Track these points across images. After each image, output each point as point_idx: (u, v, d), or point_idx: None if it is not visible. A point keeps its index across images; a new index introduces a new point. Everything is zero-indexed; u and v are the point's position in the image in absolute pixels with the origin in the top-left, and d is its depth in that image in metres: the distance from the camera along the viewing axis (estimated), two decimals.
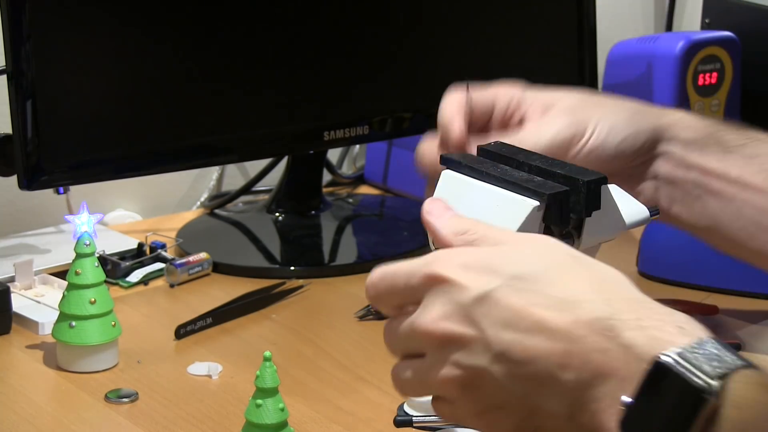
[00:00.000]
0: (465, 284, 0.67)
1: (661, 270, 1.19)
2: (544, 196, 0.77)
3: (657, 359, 0.62)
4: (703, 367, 0.62)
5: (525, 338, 0.66)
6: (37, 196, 1.32)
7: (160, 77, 1.20)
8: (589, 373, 0.65)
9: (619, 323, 0.64)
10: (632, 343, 0.64)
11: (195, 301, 1.17)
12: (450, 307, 0.68)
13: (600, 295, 0.66)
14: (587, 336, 0.65)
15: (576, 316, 0.65)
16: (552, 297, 0.66)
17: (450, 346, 0.68)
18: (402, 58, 1.33)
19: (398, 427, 0.86)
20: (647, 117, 0.92)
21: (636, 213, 0.87)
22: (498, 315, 0.66)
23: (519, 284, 0.67)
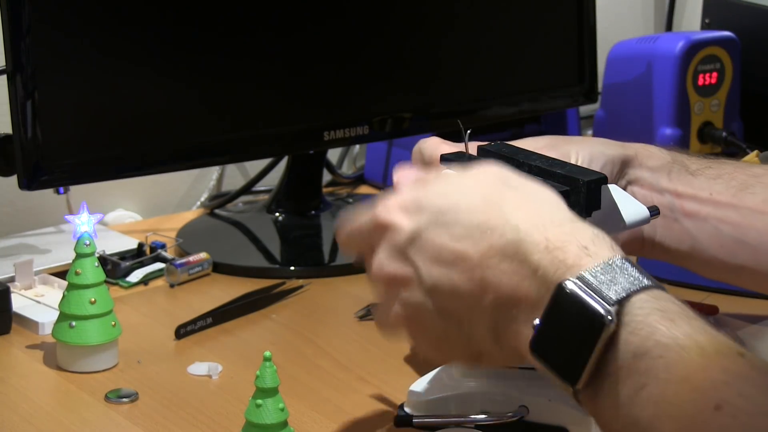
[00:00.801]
0: (399, 225, 0.73)
1: (661, 270, 1.18)
2: None
3: (558, 285, 0.66)
4: (602, 291, 0.65)
5: (449, 271, 0.71)
6: (37, 196, 1.32)
7: (160, 77, 1.20)
8: (505, 298, 0.69)
9: (528, 245, 0.68)
10: (538, 266, 0.67)
11: (195, 301, 1.17)
12: (390, 249, 0.73)
13: (514, 218, 0.70)
14: (500, 262, 0.69)
15: (489, 243, 0.69)
16: (469, 226, 0.70)
17: (395, 286, 0.73)
18: (402, 58, 1.33)
19: (398, 426, 0.86)
20: (615, 147, 0.94)
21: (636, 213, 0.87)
22: (427, 251, 0.72)
23: (443, 218, 0.71)
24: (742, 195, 0.94)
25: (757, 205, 0.93)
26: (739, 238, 0.93)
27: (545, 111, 1.50)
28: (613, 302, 0.64)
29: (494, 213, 0.70)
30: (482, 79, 1.40)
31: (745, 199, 0.94)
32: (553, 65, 1.44)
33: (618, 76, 1.51)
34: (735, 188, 0.94)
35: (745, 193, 0.94)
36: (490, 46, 1.39)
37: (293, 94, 1.27)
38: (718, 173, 0.95)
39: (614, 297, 0.64)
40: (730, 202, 0.94)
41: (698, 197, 0.94)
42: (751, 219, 0.93)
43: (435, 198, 0.72)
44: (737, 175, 0.95)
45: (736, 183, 0.94)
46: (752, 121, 1.53)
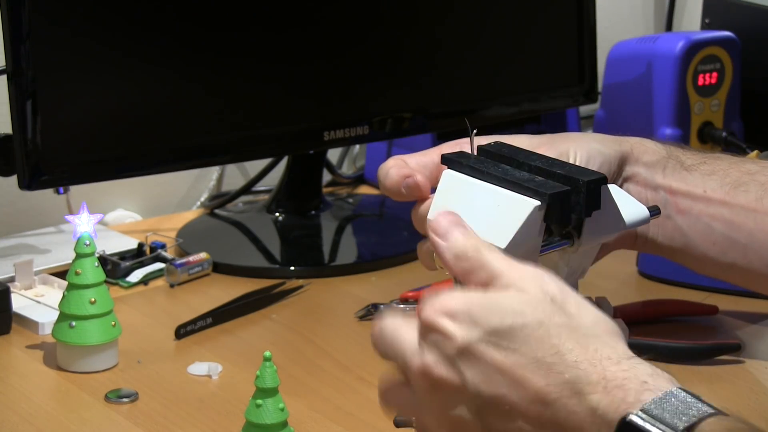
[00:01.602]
0: (449, 332, 0.70)
1: (661, 270, 1.19)
2: (545, 196, 0.77)
3: (622, 420, 0.64)
4: (668, 421, 0.64)
5: (504, 396, 0.68)
6: (37, 196, 1.33)
7: (161, 77, 1.20)
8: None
9: (586, 386, 0.66)
10: (597, 405, 0.66)
11: (195, 301, 1.17)
12: (439, 353, 0.71)
13: (572, 355, 0.68)
14: (558, 399, 0.67)
15: (548, 379, 0.67)
16: (525, 354, 0.68)
17: (441, 391, 0.71)
18: (402, 58, 1.33)
19: (398, 427, 0.86)
20: (611, 144, 0.94)
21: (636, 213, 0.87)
22: (478, 369, 0.69)
23: (498, 340, 0.69)
24: (736, 192, 0.94)
25: (750, 203, 0.93)
26: (731, 236, 0.94)
27: (545, 111, 1.50)
28: (681, 430, 0.63)
29: (551, 347, 0.68)
30: (482, 79, 1.40)
31: (738, 197, 0.94)
32: (553, 65, 1.44)
33: (618, 76, 1.51)
34: (729, 185, 0.94)
35: (738, 190, 0.94)
36: (490, 46, 1.39)
37: (293, 94, 1.27)
38: (712, 169, 0.95)
39: (681, 426, 0.64)
40: (723, 200, 0.94)
41: (692, 194, 0.94)
42: (743, 217, 0.93)
43: (488, 315, 0.69)
44: (732, 171, 0.95)
45: (730, 180, 0.94)
46: (752, 121, 1.53)
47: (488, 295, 0.71)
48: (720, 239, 0.94)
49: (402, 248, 1.28)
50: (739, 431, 0.64)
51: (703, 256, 0.95)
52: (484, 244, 0.75)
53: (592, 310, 0.71)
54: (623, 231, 0.86)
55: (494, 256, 0.73)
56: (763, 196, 0.93)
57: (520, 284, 0.71)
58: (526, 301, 0.70)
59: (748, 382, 0.99)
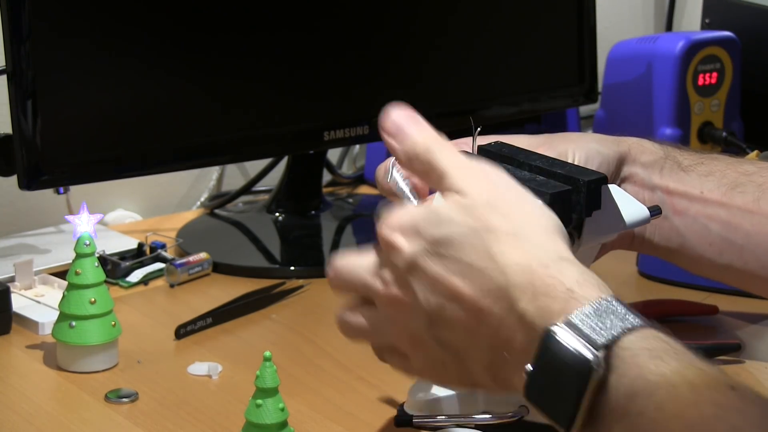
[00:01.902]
0: (399, 247, 0.73)
1: (661, 270, 1.19)
2: (546, 195, 0.77)
3: (545, 331, 0.66)
4: (589, 336, 0.65)
5: (446, 305, 0.71)
6: (37, 196, 1.33)
7: (160, 77, 1.20)
8: (497, 341, 0.69)
9: (514, 291, 0.68)
10: (524, 312, 0.67)
11: (195, 301, 1.17)
12: (393, 270, 0.73)
13: (501, 259, 0.69)
14: (491, 306, 0.69)
15: (479, 285, 0.69)
16: (460, 262, 0.70)
17: (398, 308, 0.73)
18: (402, 58, 1.33)
19: (398, 426, 0.86)
20: (609, 144, 0.94)
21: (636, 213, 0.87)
22: (425, 281, 0.72)
23: (437, 249, 0.71)
24: (732, 194, 0.94)
25: (747, 204, 0.94)
26: (727, 237, 0.94)
27: (545, 111, 1.50)
28: (601, 346, 0.64)
29: (483, 252, 0.70)
30: (482, 79, 1.40)
31: (734, 198, 0.94)
32: (553, 65, 1.44)
33: (618, 76, 1.51)
34: (726, 186, 0.94)
35: (735, 191, 0.94)
36: (491, 46, 1.39)
37: (293, 94, 1.27)
38: (709, 170, 0.95)
39: (601, 341, 0.64)
40: (720, 201, 0.94)
41: (689, 195, 0.95)
42: (739, 218, 0.94)
43: (429, 226, 0.72)
44: (729, 172, 0.95)
45: (728, 181, 0.94)
46: (752, 121, 1.53)
47: (429, 205, 0.73)
48: (716, 240, 0.94)
49: None
50: (660, 350, 0.64)
51: (699, 257, 0.95)
52: (436, 140, 0.76)
53: (528, 205, 0.72)
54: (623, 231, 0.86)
55: (444, 155, 0.75)
56: (760, 198, 0.93)
57: (460, 187, 0.72)
58: (462, 207, 0.71)
59: (748, 382, 0.99)
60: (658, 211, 0.89)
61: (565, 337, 0.65)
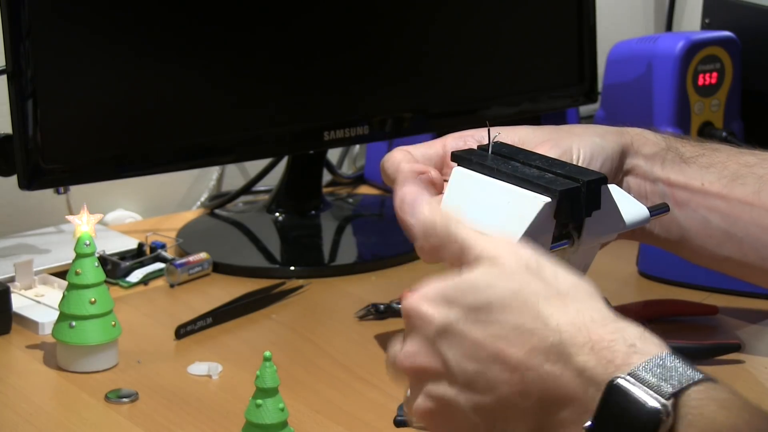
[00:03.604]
0: (427, 316, 0.70)
1: (661, 270, 1.19)
2: (555, 193, 0.77)
3: (610, 383, 0.64)
4: (655, 386, 0.63)
5: (486, 369, 0.68)
6: (37, 196, 1.32)
7: (160, 77, 1.20)
8: (549, 400, 0.66)
9: (571, 348, 0.66)
10: (585, 367, 0.65)
11: (195, 301, 1.17)
12: (419, 340, 0.71)
13: (553, 320, 0.67)
14: (542, 364, 0.66)
15: (531, 346, 0.67)
16: (505, 325, 0.68)
17: (422, 378, 0.71)
18: (402, 58, 1.33)
19: (398, 427, 0.86)
20: (612, 136, 0.94)
21: (636, 213, 0.87)
22: (459, 347, 0.69)
23: (476, 316, 0.69)
24: (733, 185, 0.94)
25: (747, 196, 0.94)
26: (727, 229, 0.94)
27: (545, 111, 1.50)
28: (668, 396, 0.63)
29: (530, 314, 0.67)
30: (482, 79, 1.40)
31: (735, 190, 0.94)
32: (553, 65, 1.44)
33: (618, 76, 1.51)
34: (727, 178, 0.94)
35: (736, 183, 0.94)
36: (490, 46, 1.39)
37: (293, 94, 1.27)
38: (710, 162, 0.95)
39: (669, 390, 0.63)
40: (720, 193, 0.94)
41: (690, 187, 0.95)
42: (739, 211, 0.94)
43: (464, 294, 0.69)
44: (730, 164, 0.95)
45: (728, 173, 0.94)
46: (752, 121, 1.53)
47: (462, 274, 0.70)
48: (716, 232, 0.94)
49: (402, 248, 1.28)
50: (727, 401, 0.63)
51: (699, 248, 0.95)
52: (451, 216, 0.74)
53: (569, 274, 0.70)
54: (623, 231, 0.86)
55: (463, 229, 0.73)
56: (760, 190, 0.93)
57: (492, 255, 0.70)
58: (500, 273, 0.69)
59: (748, 382, 0.99)
60: (666, 209, 0.89)
61: (630, 387, 0.63)
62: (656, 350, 0.65)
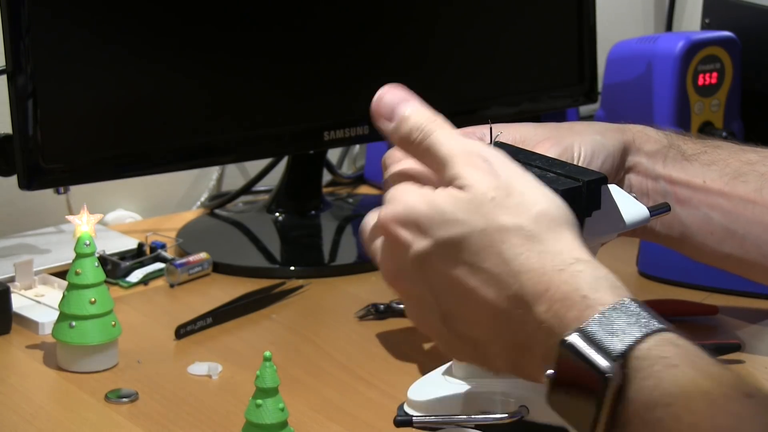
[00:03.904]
0: (404, 242, 0.71)
1: (661, 270, 1.19)
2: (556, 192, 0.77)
3: (562, 341, 0.65)
4: (603, 344, 0.64)
5: (464, 304, 0.70)
6: (37, 196, 1.32)
7: (161, 77, 1.20)
8: (519, 344, 0.69)
9: (531, 297, 0.67)
10: (542, 319, 0.67)
11: (195, 301, 1.17)
12: (399, 261, 0.72)
13: (516, 264, 0.68)
14: (510, 311, 0.68)
15: (497, 291, 0.68)
16: (475, 267, 0.69)
17: (409, 297, 0.73)
18: (402, 57, 1.33)
19: (398, 427, 0.86)
20: (614, 134, 0.94)
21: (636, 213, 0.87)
22: (437, 279, 0.71)
23: (448, 250, 0.70)
24: (735, 183, 0.94)
25: (748, 194, 0.94)
26: (729, 227, 0.94)
27: (545, 111, 1.50)
28: (616, 355, 0.63)
29: (495, 257, 0.68)
30: (482, 79, 1.40)
31: (737, 188, 0.94)
32: (553, 65, 1.44)
33: (618, 76, 1.51)
34: (728, 176, 0.94)
35: (738, 181, 0.94)
36: (490, 46, 1.39)
37: (293, 94, 1.27)
38: (712, 159, 0.95)
39: (616, 350, 0.64)
40: (722, 190, 0.94)
41: (691, 184, 0.95)
42: (741, 208, 0.94)
43: (437, 226, 0.70)
44: (732, 162, 0.95)
45: (730, 170, 0.94)
46: (752, 121, 1.53)
47: (430, 201, 0.71)
48: (718, 229, 0.94)
49: None
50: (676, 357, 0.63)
51: (700, 245, 0.95)
52: (431, 119, 0.75)
53: (537, 195, 0.71)
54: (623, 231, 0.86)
55: (440, 137, 0.74)
56: (762, 187, 0.93)
57: (463, 176, 0.71)
58: (468, 204, 0.70)
59: None
60: (666, 209, 0.89)
61: (580, 346, 0.64)
62: (609, 299, 0.66)
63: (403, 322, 1.11)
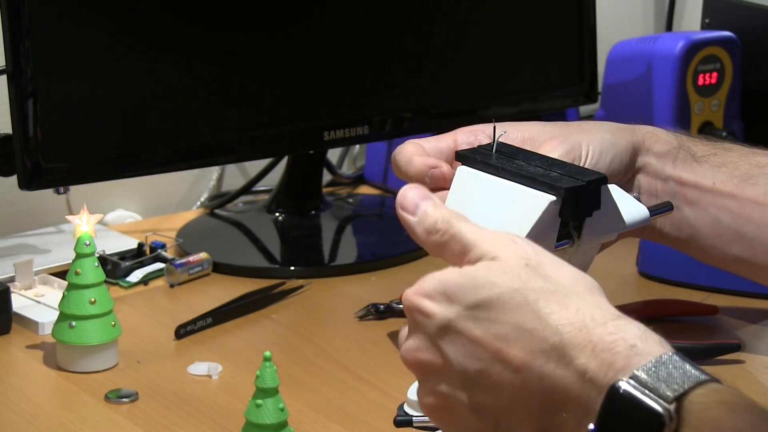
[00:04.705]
0: (429, 313, 0.70)
1: (661, 270, 1.19)
2: (560, 191, 0.77)
3: (611, 387, 0.63)
4: (658, 389, 0.62)
5: (488, 368, 0.68)
6: (37, 196, 1.32)
7: (161, 77, 1.20)
8: (551, 402, 0.66)
9: (571, 350, 0.65)
10: (585, 369, 0.65)
11: (195, 301, 1.17)
12: (421, 335, 0.71)
13: (553, 320, 0.66)
14: (543, 366, 0.66)
15: (531, 346, 0.66)
16: (504, 324, 0.67)
17: (426, 374, 0.71)
18: (402, 57, 1.33)
19: (398, 427, 0.86)
20: (624, 134, 0.93)
21: (636, 213, 0.87)
22: (460, 346, 0.69)
23: (476, 314, 0.68)
24: (744, 186, 0.94)
25: (758, 196, 0.93)
26: (737, 229, 0.94)
27: (545, 111, 1.50)
28: (671, 399, 0.62)
29: (530, 313, 0.67)
30: (482, 79, 1.40)
31: (746, 190, 0.94)
32: (553, 65, 1.44)
33: (618, 76, 1.51)
34: (738, 178, 0.94)
35: (747, 183, 0.94)
36: (490, 46, 1.39)
37: (293, 95, 1.27)
38: (722, 161, 0.95)
39: (671, 394, 0.62)
40: (732, 192, 0.94)
41: (701, 186, 0.94)
42: (750, 210, 0.93)
43: (463, 290, 0.69)
44: (741, 164, 0.95)
45: (740, 173, 0.94)
46: (752, 121, 1.53)
47: (462, 270, 0.70)
48: (726, 232, 0.94)
49: (402, 248, 1.28)
50: (731, 404, 0.62)
51: (709, 248, 0.95)
52: (453, 214, 0.74)
53: (569, 268, 0.70)
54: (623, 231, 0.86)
55: (465, 227, 0.72)
56: None
57: (493, 252, 0.70)
58: (500, 270, 0.69)
59: (748, 382, 0.99)
60: (669, 208, 0.89)
61: (633, 390, 0.62)
62: (658, 350, 0.64)
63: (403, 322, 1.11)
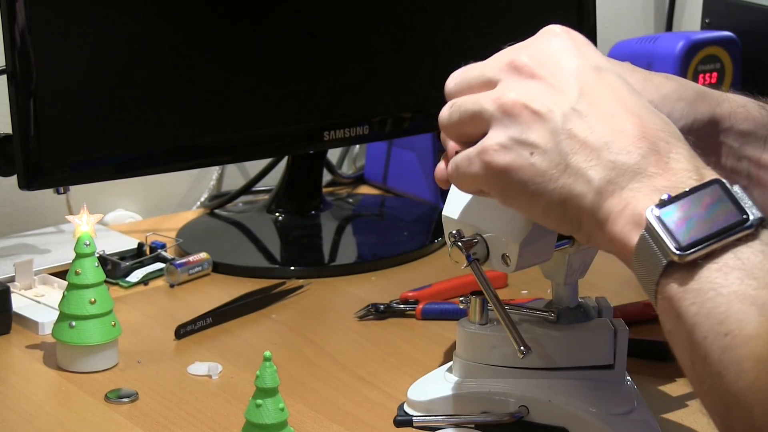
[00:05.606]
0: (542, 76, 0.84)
1: None
2: None
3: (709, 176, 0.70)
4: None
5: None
6: (37, 196, 1.33)
7: (161, 77, 1.20)
8: (618, 199, 0.71)
9: (642, 176, 0.71)
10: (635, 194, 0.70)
11: (195, 301, 1.17)
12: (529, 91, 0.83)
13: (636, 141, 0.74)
14: (616, 178, 0.72)
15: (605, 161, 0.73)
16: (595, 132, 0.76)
17: (523, 112, 0.83)
18: (402, 58, 1.33)
19: (398, 427, 0.86)
20: (704, 105, 0.90)
21: None
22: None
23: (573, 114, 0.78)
24: None
25: None
26: None
27: None
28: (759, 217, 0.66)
29: (608, 131, 0.76)
30: None
31: None
32: None
33: None
34: None
35: None
36: (491, 45, 1.39)
37: (293, 95, 1.27)
38: None
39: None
40: None
41: None
42: None
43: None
44: None
45: None
46: None
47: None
48: None
49: (402, 248, 1.28)
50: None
51: None
52: None
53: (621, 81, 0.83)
54: None
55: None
56: None
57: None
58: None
59: None
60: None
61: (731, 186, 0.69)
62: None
63: (403, 322, 1.12)
